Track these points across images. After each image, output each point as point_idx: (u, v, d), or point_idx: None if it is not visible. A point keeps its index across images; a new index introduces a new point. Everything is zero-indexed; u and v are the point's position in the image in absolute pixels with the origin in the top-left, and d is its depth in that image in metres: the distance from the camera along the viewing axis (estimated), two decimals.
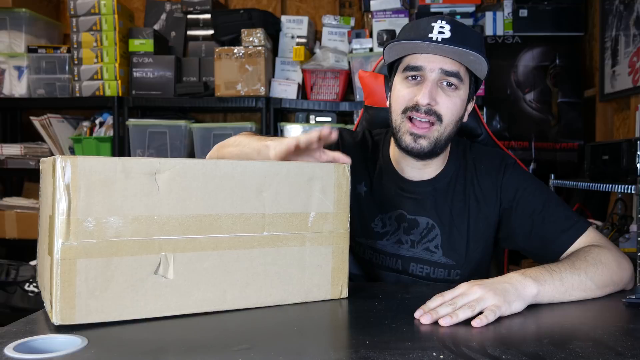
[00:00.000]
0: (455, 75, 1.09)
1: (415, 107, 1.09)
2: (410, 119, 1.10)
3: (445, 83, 1.09)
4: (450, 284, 1.14)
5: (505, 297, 0.87)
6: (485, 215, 1.18)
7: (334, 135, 0.95)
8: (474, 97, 1.19)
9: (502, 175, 1.17)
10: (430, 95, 1.07)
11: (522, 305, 0.90)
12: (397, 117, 1.13)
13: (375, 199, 1.22)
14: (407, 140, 1.10)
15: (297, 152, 0.96)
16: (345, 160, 0.97)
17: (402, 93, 1.12)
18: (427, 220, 1.18)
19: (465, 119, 1.17)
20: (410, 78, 1.11)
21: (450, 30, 1.06)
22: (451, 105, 1.09)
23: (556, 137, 2.85)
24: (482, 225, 1.18)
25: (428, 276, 1.19)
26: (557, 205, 1.13)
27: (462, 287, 0.89)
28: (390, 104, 1.17)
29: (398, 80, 1.14)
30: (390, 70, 1.20)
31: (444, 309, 0.84)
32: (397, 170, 1.21)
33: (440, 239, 1.18)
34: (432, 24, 1.07)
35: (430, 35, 1.06)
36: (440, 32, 1.06)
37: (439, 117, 1.09)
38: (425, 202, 1.19)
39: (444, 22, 1.07)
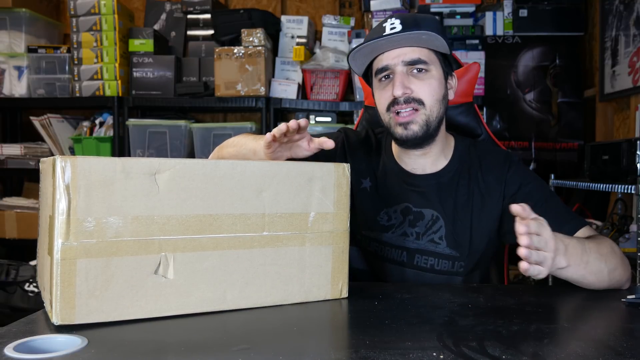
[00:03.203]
0: (417, 61, 1.12)
1: (395, 101, 1.13)
2: (397, 113, 1.13)
3: (414, 71, 1.13)
4: (453, 276, 1.20)
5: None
6: (489, 209, 1.19)
7: (329, 144, 0.99)
8: (454, 74, 1.22)
9: (507, 171, 1.19)
10: (402, 84, 1.11)
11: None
12: (384, 117, 1.17)
13: (380, 193, 1.24)
14: (399, 131, 1.14)
15: (283, 144, 1.01)
16: (329, 144, 1.00)
17: (380, 95, 1.17)
18: (432, 212, 1.20)
19: (451, 96, 1.20)
20: (383, 79, 1.16)
21: (400, 24, 1.10)
22: (427, 87, 1.13)
23: (556, 137, 2.85)
24: (485, 219, 1.20)
25: (432, 268, 1.20)
26: (557, 203, 1.16)
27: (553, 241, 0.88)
28: (377, 109, 1.21)
29: (375, 86, 1.20)
30: (367, 81, 1.25)
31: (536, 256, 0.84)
32: (401, 165, 1.23)
33: (444, 230, 1.20)
34: (384, 25, 1.12)
35: (383, 34, 1.10)
36: (392, 29, 1.10)
37: (419, 102, 1.12)
38: (430, 194, 1.21)
39: (393, 18, 1.12)
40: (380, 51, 1.14)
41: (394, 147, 1.25)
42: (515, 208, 0.85)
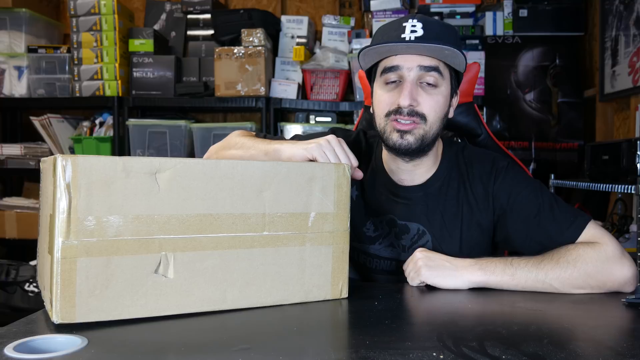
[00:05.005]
0: (435, 69, 1.08)
1: (397, 111, 1.08)
2: (397, 120, 1.09)
3: (425, 83, 1.08)
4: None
5: (438, 271, 1.02)
6: (478, 221, 1.16)
7: (358, 175, 1.01)
8: (458, 92, 1.18)
9: (493, 182, 1.15)
10: (411, 95, 1.06)
11: (457, 284, 1.02)
12: (381, 121, 1.12)
13: (366, 203, 1.21)
14: (394, 137, 1.09)
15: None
16: (358, 175, 1.01)
17: (383, 98, 1.11)
18: (418, 226, 1.17)
19: (451, 114, 1.16)
20: (390, 82, 1.10)
21: (422, 28, 1.05)
22: (434, 104, 1.09)
23: (556, 137, 2.85)
24: (475, 231, 1.16)
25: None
26: (552, 207, 1.11)
27: (415, 259, 1.05)
28: (373, 110, 1.16)
29: (378, 85, 1.14)
30: (369, 76, 1.20)
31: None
32: (389, 174, 1.20)
33: (431, 245, 1.16)
34: (404, 24, 1.07)
35: (403, 35, 1.06)
36: (412, 31, 1.05)
37: (422, 117, 1.08)
38: (417, 207, 1.17)
39: (415, 20, 1.07)
40: (395, 52, 1.08)
41: (384, 154, 1.21)
42: None
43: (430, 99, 1.08)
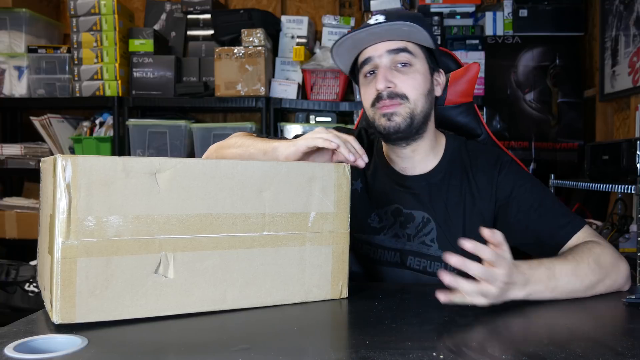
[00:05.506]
0: (403, 50, 1.12)
1: (379, 97, 1.12)
2: (380, 107, 1.13)
3: (399, 65, 1.12)
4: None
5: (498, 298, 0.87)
6: (480, 211, 1.18)
7: (360, 163, 0.98)
8: (440, 70, 1.22)
9: (498, 173, 1.17)
10: (385, 78, 1.11)
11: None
12: (370, 112, 1.17)
13: (370, 195, 1.24)
14: (383, 122, 1.13)
15: (308, 153, 1.00)
16: (361, 163, 0.99)
17: (365, 91, 1.17)
18: (423, 214, 1.19)
19: (438, 92, 1.20)
20: (368, 75, 1.16)
21: (385, 18, 1.10)
22: (411, 81, 1.12)
23: (556, 137, 2.85)
24: (477, 221, 1.18)
25: (425, 270, 1.19)
26: (553, 203, 1.14)
27: (504, 274, 0.85)
28: (363, 106, 1.21)
29: (361, 83, 1.20)
30: (354, 79, 1.25)
31: (467, 286, 0.84)
32: (391, 165, 1.23)
33: (435, 233, 1.18)
34: (369, 21, 1.12)
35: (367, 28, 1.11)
36: (376, 23, 1.10)
37: (403, 97, 1.12)
38: (421, 196, 1.20)
39: (378, 14, 1.12)
40: (363, 45, 1.14)
41: (385, 148, 1.25)
42: (486, 233, 0.85)
43: (406, 78, 1.12)
